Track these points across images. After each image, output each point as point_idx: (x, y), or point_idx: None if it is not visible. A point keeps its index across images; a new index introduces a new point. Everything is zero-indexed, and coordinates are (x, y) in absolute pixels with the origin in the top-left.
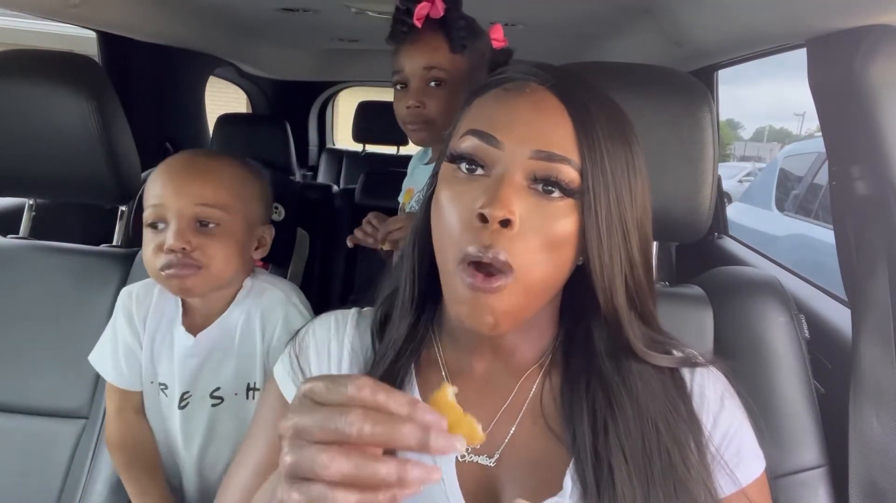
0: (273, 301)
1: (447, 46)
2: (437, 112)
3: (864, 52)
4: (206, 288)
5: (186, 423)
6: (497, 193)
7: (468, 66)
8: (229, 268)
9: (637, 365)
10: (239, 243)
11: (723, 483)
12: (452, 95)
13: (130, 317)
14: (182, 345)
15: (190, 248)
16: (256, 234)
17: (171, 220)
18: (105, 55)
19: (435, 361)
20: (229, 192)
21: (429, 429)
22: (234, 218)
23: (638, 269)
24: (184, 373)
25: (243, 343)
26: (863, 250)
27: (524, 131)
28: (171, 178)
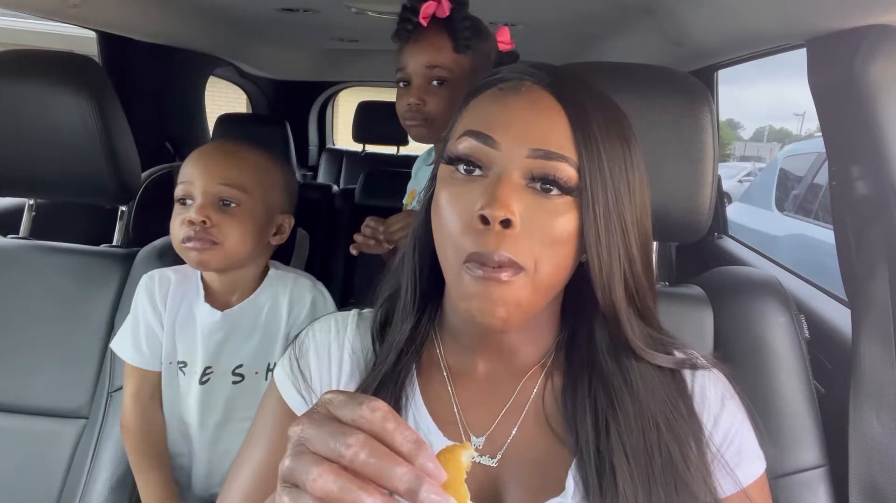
0: (303, 286)
1: (451, 46)
2: (437, 110)
3: (864, 52)
4: (221, 263)
5: (205, 400)
6: (496, 194)
7: (471, 67)
8: (243, 247)
9: (638, 364)
10: (256, 225)
11: (723, 483)
12: (454, 95)
13: (153, 296)
14: (207, 320)
15: (210, 223)
16: (276, 221)
17: (196, 197)
18: (105, 55)
19: (436, 362)
20: (252, 177)
21: (423, 479)
22: (255, 201)
23: (637, 266)
24: (208, 348)
25: (269, 322)
26: (863, 250)
27: (521, 130)
28: (202, 159)
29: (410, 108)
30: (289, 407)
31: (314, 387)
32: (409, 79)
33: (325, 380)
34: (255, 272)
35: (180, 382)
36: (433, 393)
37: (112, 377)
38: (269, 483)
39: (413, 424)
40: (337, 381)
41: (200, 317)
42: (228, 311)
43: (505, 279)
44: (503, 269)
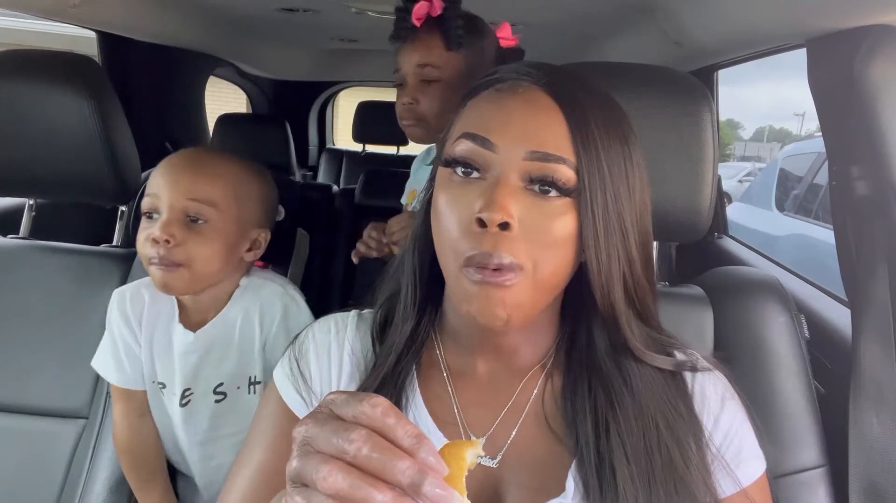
0: (272, 294)
1: (443, 44)
2: (429, 109)
3: (864, 52)
4: (189, 286)
5: (188, 421)
6: (493, 196)
7: (465, 65)
8: (211, 267)
9: (638, 364)
10: (226, 243)
11: (724, 483)
12: (448, 94)
13: (126, 317)
14: (181, 342)
15: (174, 241)
16: (250, 236)
17: (162, 212)
18: (105, 55)
19: (436, 363)
20: (223, 191)
21: (426, 473)
22: (225, 217)
23: (637, 267)
24: (185, 370)
25: (243, 337)
26: (863, 250)
27: (518, 132)
28: (169, 171)
29: (405, 108)
30: (288, 408)
31: (314, 387)
32: (404, 79)
33: (325, 380)
34: (231, 288)
35: (164, 401)
36: (433, 393)
37: None
38: (269, 483)
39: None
40: (337, 382)
41: (175, 338)
42: (201, 331)
43: (506, 283)
44: (503, 273)
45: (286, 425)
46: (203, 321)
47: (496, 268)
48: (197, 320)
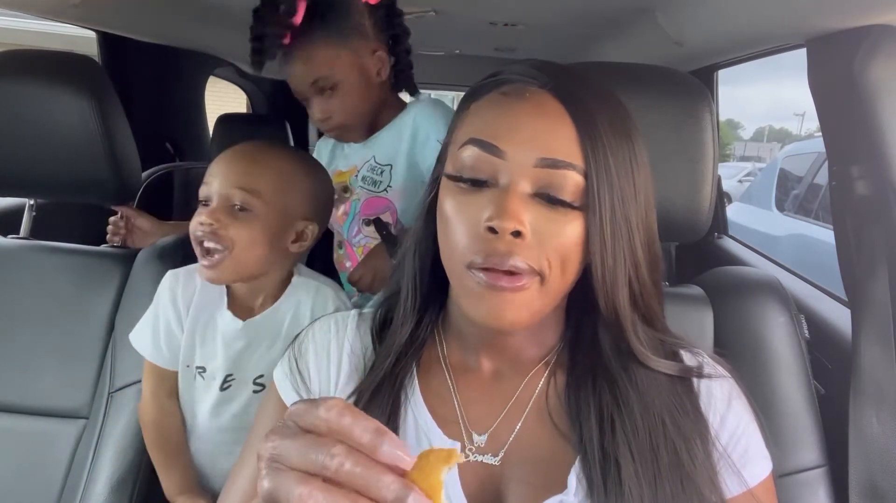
0: (325, 296)
1: (320, 51)
2: (345, 114)
3: (864, 52)
4: (232, 273)
5: (222, 406)
6: (504, 205)
7: (352, 55)
8: (252, 254)
9: (643, 366)
10: (269, 233)
11: (730, 483)
12: (351, 92)
13: (175, 298)
14: (229, 328)
15: (218, 225)
16: (296, 228)
17: (213, 199)
18: (105, 55)
19: (438, 361)
20: (270, 183)
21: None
22: (270, 208)
23: (642, 269)
24: (229, 356)
25: (290, 333)
26: (863, 250)
27: (527, 139)
28: (224, 162)
29: (322, 123)
30: (287, 407)
31: (312, 387)
32: (304, 97)
33: (324, 380)
34: (279, 279)
35: (196, 386)
36: (434, 391)
37: (113, 377)
38: None
39: (412, 422)
40: (336, 382)
41: (222, 324)
42: (250, 321)
43: (517, 286)
44: (516, 278)
45: None
46: (251, 310)
47: (509, 271)
48: (245, 308)
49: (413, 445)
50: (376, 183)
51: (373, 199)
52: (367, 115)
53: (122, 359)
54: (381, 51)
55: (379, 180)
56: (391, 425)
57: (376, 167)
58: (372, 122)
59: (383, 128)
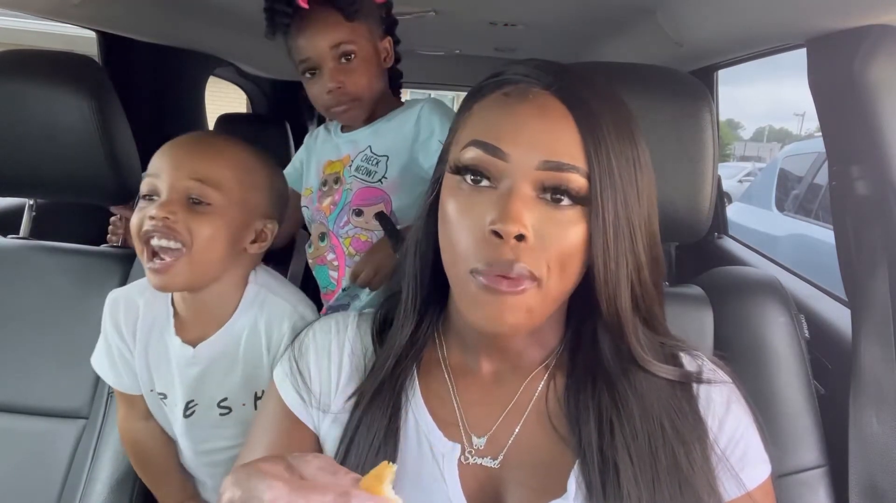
0: (279, 312)
1: (343, 17)
2: (359, 86)
3: (864, 52)
4: (186, 277)
5: (192, 430)
6: (507, 208)
7: (369, 31)
8: (213, 252)
9: (642, 369)
10: (230, 230)
11: (728, 486)
12: (368, 66)
13: (118, 325)
14: (180, 355)
15: (173, 219)
16: (254, 227)
17: (162, 192)
18: (105, 55)
19: (438, 363)
20: (228, 173)
21: None
22: (230, 202)
23: (644, 272)
24: (185, 383)
25: (248, 353)
26: (863, 250)
27: (530, 141)
28: (172, 152)
29: (333, 95)
30: (288, 408)
31: (313, 388)
32: (317, 65)
33: (325, 380)
34: (230, 292)
35: (165, 411)
36: (434, 393)
37: None
38: None
39: (413, 425)
40: (336, 382)
41: (172, 350)
42: (202, 345)
43: (516, 290)
44: (517, 281)
45: (286, 425)
46: (202, 333)
47: (515, 277)
48: (195, 331)
49: (414, 447)
50: (371, 173)
51: (366, 190)
52: (375, 94)
53: None
54: (389, 42)
55: (374, 170)
56: (392, 426)
57: (372, 157)
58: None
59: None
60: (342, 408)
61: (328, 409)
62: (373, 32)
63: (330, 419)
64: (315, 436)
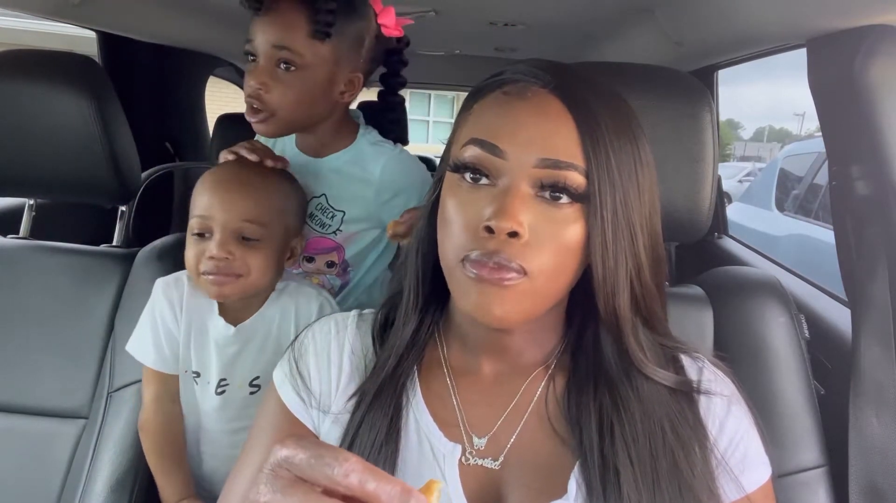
0: (308, 295)
1: (307, 28)
2: (281, 101)
3: (864, 52)
4: (242, 294)
5: (222, 409)
6: (504, 205)
7: (333, 57)
8: (266, 277)
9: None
10: (276, 254)
11: (728, 489)
12: (305, 86)
13: (171, 302)
14: (221, 334)
15: (232, 258)
16: (291, 245)
17: (216, 231)
18: (105, 55)
19: (438, 363)
20: (272, 209)
21: None
22: (274, 233)
23: (645, 272)
24: (222, 361)
25: (280, 334)
26: (863, 250)
27: (528, 139)
28: (219, 191)
29: (251, 93)
30: (288, 409)
31: (313, 388)
32: (255, 54)
33: (325, 381)
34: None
35: (196, 391)
36: (435, 393)
37: (112, 377)
38: None
39: (414, 425)
40: (336, 383)
41: (214, 330)
42: (241, 326)
43: (504, 283)
44: (502, 271)
45: (286, 426)
46: (239, 316)
47: (495, 266)
48: (234, 315)
49: (415, 447)
50: (325, 225)
51: (319, 240)
52: (301, 121)
53: (122, 360)
54: (358, 78)
55: (328, 223)
56: (393, 427)
57: (327, 209)
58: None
59: (333, 156)
60: (343, 409)
61: (328, 410)
62: (339, 59)
63: (330, 420)
64: (315, 436)
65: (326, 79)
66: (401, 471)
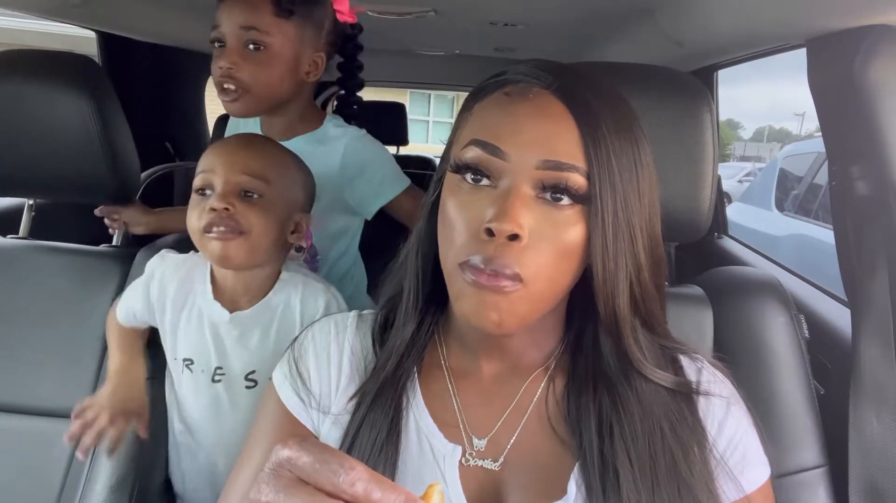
0: (314, 289)
1: (271, 7)
2: (252, 79)
3: (864, 52)
4: (246, 256)
5: (217, 400)
6: (505, 207)
7: (297, 36)
8: (267, 238)
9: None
10: (277, 219)
11: (727, 489)
12: (274, 64)
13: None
14: (217, 319)
15: (233, 210)
16: (294, 219)
17: (217, 185)
18: (105, 55)
19: (438, 364)
20: (274, 170)
21: None
22: (275, 194)
23: (644, 273)
24: (218, 348)
25: (282, 327)
26: (863, 250)
27: (529, 140)
28: (223, 149)
29: (222, 74)
30: (287, 409)
31: (312, 389)
32: (223, 39)
33: (325, 381)
34: (269, 273)
35: (188, 380)
36: (435, 394)
37: None
38: None
39: (414, 426)
40: (336, 383)
41: (209, 314)
42: (239, 314)
43: (502, 286)
44: (499, 278)
45: (285, 427)
46: (237, 304)
47: (492, 273)
48: (231, 301)
49: (415, 448)
50: None
51: None
52: (271, 99)
53: None
54: (321, 57)
55: None
56: (394, 428)
57: None
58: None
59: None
60: (343, 410)
61: (328, 411)
62: (303, 38)
63: (330, 420)
64: (315, 437)
65: (293, 57)
66: (401, 472)
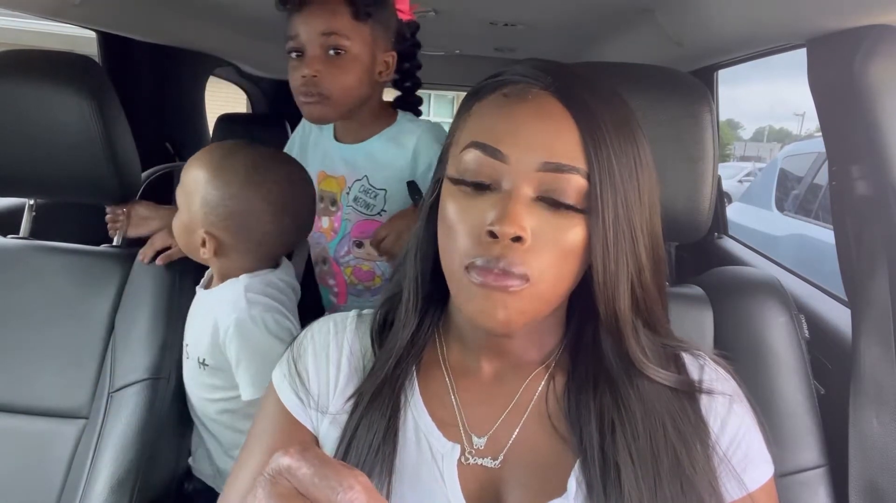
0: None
1: (349, 11)
2: (335, 85)
3: (864, 52)
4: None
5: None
6: (507, 210)
7: (372, 38)
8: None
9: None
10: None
11: (730, 487)
12: (354, 68)
13: None
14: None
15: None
16: (380, 59)
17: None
18: (105, 55)
19: (437, 363)
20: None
21: None
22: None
23: (645, 274)
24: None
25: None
26: (863, 250)
27: (529, 142)
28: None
29: (305, 82)
30: (287, 409)
31: (311, 388)
32: (303, 48)
33: (323, 381)
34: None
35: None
36: (434, 393)
37: (112, 377)
38: None
39: (412, 426)
40: (335, 383)
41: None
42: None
43: (509, 286)
44: (507, 278)
45: (285, 426)
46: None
47: (500, 272)
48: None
49: (413, 447)
50: (369, 206)
51: (365, 222)
52: (351, 103)
53: (122, 360)
54: (392, 56)
55: (372, 203)
56: (391, 427)
57: (370, 190)
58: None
59: (372, 138)
60: (341, 409)
61: (327, 410)
62: (376, 40)
63: (329, 420)
64: (314, 437)
65: (369, 59)
66: (398, 471)
